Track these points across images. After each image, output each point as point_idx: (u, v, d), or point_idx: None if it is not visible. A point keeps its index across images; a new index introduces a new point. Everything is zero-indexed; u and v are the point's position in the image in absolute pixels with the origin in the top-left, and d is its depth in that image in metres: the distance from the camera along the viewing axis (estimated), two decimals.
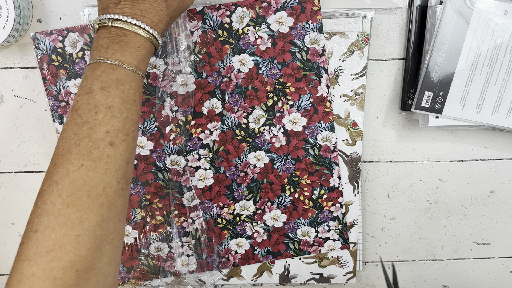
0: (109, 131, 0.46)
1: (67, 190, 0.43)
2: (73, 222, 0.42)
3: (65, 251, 0.41)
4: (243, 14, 0.65)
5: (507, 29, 0.62)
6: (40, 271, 0.41)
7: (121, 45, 0.48)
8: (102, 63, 0.48)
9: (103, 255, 0.45)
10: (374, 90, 0.70)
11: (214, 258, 0.74)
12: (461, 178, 0.73)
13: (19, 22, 0.63)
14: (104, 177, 0.45)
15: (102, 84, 0.47)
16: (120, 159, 0.46)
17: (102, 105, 0.46)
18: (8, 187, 0.74)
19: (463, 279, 0.79)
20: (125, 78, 0.48)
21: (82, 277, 0.43)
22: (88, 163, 0.44)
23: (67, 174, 0.43)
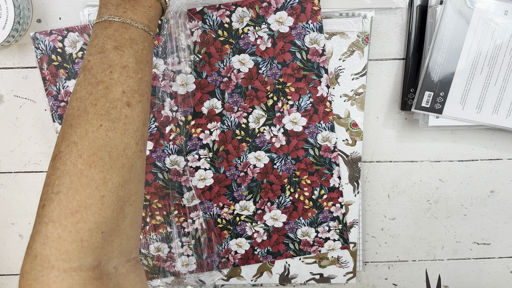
0: (125, 91, 0.45)
1: (88, 151, 0.42)
2: (97, 183, 0.41)
3: (90, 213, 0.41)
4: (243, 14, 0.65)
5: (507, 29, 0.62)
6: (66, 233, 0.40)
7: (132, 4, 0.47)
8: (113, 22, 0.46)
9: (126, 217, 0.44)
10: (374, 90, 0.70)
11: (214, 258, 0.74)
12: (461, 178, 0.73)
13: (19, 22, 0.63)
14: (123, 138, 0.44)
15: (116, 44, 0.45)
16: (138, 120, 0.45)
17: (117, 64, 0.45)
18: (8, 187, 0.73)
19: (463, 279, 0.78)
20: (138, 38, 0.47)
21: (107, 239, 0.42)
22: (107, 123, 0.43)
23: (86, 134, 0.42)
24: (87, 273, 0.41)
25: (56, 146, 0.43)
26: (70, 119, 0.43)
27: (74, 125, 0.43)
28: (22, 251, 0.76)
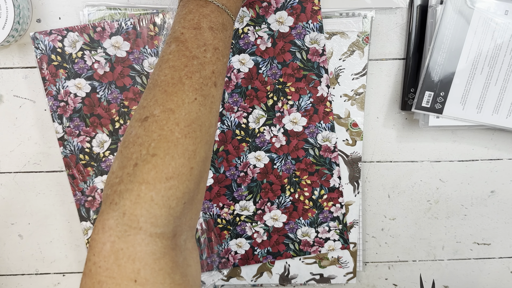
0: (215, 72, 0.46)
1: (184, 121, 0.42)
2: (190, 154, 0.42)
3: (181, 181, 0.41)
4: (243, 14, 0.65)
5: (507, 29, 0.62)
6: (159, 197, 0.40)
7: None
8: (210, 3, 0.48)
9: (199, 192, 0.45)
10: (374, 90, 0.70)
11: (214, 259, 0.74)
12: (462, 178, 0.73)
13: (19, 22, 0.63)
14: (209, 115, 0.45)
15: (211, 24, 0.47)
16: (218, 101, 0.47)
17: (210, 44, 0.46)
18: (8, 187, 0.73)
19: (463, 280, 0.78)
20: (228, 24, 0.49)
21: (185, 211, 0.43)
22: (200, 98, 0.44)
23: (182, 104, 0.43)
24: (168, 241, 0.41)
25: (144, 108, 0.44)
26: (164, 85, 0.44)
27: (169, 93, 0.43)
28: (22, 251, 0.76)
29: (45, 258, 0.77)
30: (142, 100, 0.45)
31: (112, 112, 0.68)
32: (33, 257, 0.77)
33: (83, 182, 0.70)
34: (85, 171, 0.69)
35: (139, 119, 0.43)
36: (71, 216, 0.75)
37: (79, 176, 0.69)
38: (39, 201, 0.74)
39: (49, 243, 0.76)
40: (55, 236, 0.76)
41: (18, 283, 0.78)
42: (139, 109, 0.44)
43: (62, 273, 0.78)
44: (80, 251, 0.77)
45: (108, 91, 0.67)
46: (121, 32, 0.65)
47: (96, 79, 0.66)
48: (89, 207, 0.71)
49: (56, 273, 0.78)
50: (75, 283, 0.79)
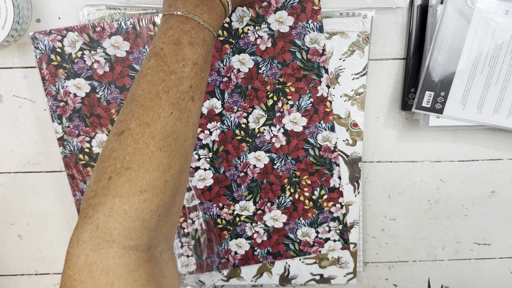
0: (192, 86, 0.47)
1: (159, 134, 0.43)
2: (164, 167, 0.43)
3: (155, 194, 0.42)
4: (243, 14, 0.65)
5: (508, 29, 0.62)
6: (132, 209, 0.41)
7: (209, 8, 0.50)
8: (191, 20, 0.49)
9: (175, 205, 0.46)
10: (374, 90, 0.70)
11: (214, 259, 0.74)
12: (462, 178, 0.73)
13: (18, 21, 0.62)
14: (185, 129, 0.46)
15: (191, 40, 0.48)
16: (196, 115, 0.48)
17: (189, 59, 0.47)
18: (7, 187, 0.73)
19: (464, 280, 0.78)
20: (208, 40, 0.50)
21: (160, 223, 0.44)
22: (177, 112, 0.45)
23: (158, 118, 0.44)
24: (142, 253, 0.42)
25: (120, 122, 0.45)
26: (141, 99, 0.45)
27: (146, 107, 0.44)
28: (22, 251, 0.76)
29: (45, 258, 0.77)
30: (119, 114, 0.46)
31: (112, 112, 0.67)
32: (32, 257, 0.77)
33: (83, 182, 0.70)
34: (85, 171, 0.69)
35: (115, 133, 0.44)
36: (70, 216, 0.75)
37: (78, 176, 0.69)
38: (39, 201, 0.74)
39: (48, 243, 0.76)
40: (55, 236, 0.76)
41: (17, 283, 0.78)
42: (116, 123, 0.45)
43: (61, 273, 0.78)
44: None
45: (108, 91, 0.67)
46: (121, 32, 0.65)
47: (96, 79, 0.66)
48: None
49: (55, 273, 0.78)
50: None
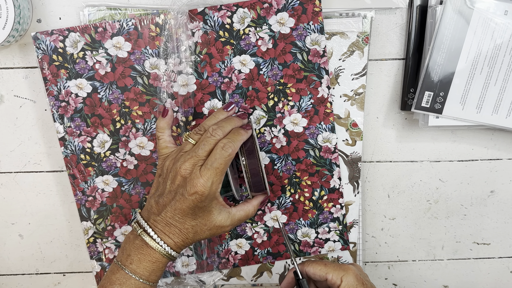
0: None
1: None
2: None
3: None
4: (244, 15, 0.65)
5: (507, 29, 0.62)
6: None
7: (140, 257, 0.56)
8: (120, 270, 0.57)
9: None
10: (374, 90, 0.70)
11: (214, 259, 0.74)
12: (461, 178, 0.73)
13: (19, 22, 0.63)
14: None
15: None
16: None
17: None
18: (8, 187, 0.73)
19: (463, 279, 0.79)
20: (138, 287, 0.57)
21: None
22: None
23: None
24: None
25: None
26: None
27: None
28: (22, 250, 0.76)
29: (45, 258, 0.77)
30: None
31: (113, 112, 0.68)
32: (33, 257, 0.77)
33: (84, 182, 0.70)
34: (86, 171, 0.69)
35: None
36: (71, 216, 0.75)
37: (79, 176, 0.69)
38: (40, 201, 0.74)
39: (49, 243, 0.76)
40: (56, 236, 0.76)
41: (18, 282, 0.78)
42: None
43: (62, 272, 0.78)
44: (80, 251, 0.77)
45: (109, 91, 0.67)
46: (123, 32, 0.65)
47: (97, 79, 0.66)
48: (89, 207, 0.71)
49: (56, 273, 0.78)
50: (75, 283, 0.79)
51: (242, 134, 0.59)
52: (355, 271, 0.59)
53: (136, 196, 0.71)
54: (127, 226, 0.72)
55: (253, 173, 0.61)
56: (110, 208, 0.71)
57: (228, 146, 0.56)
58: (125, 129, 0.68)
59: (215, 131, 0.58)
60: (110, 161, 0.69)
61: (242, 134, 0.59)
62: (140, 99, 0.67)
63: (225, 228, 0.60)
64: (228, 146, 0.56)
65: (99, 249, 0.72)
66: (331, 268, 0.59)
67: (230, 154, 0.56)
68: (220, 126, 0.59)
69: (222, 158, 0.56)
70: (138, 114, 0.68)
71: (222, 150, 0.56)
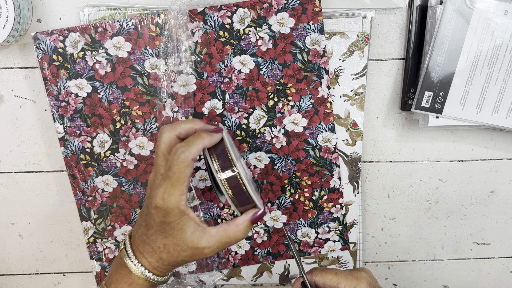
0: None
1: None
2: None
3: None
4: (244, 15, 0.65)
5: (507, 29, 0.62)
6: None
7: (118, 277, 0.53)
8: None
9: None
10: (374, 90, 0.70)
11: (214, 259, 0.74)
12: (461, 178, 0.73)
13: (19, 22, 0.63)
14: None
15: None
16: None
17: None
18: (8, 187, 0.73)
19: (463, 279, 0.79)
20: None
21: None
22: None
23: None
24: None
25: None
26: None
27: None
28: (22, 250, 0.76)
29: (45, 258, 0.77)
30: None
31: (113, 112, 0.68)
32: (33, 257, 0.77)
33: (84, 182, 0.70)
34: (86, 171, 0.69)
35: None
36: (71, 216, 0.75)
37: (80, 176, 0.69)
38: (40, 201, 0.74)
39: (49, 243, 0.76)
40: (56, 236, 0.76)
41: (18, 282, 0.78)
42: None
43: (62, 272, 0.78)
44: (80, 251, 0.77)
45: (109, 91, 0.67)
46: (123, 32, 0.65)
47: (97, 79, 0.67)
48: (89, 207, 0.71)
49: (56, 273, 0.78)
50: (75, 283, 0.79)
51: (202, 137, 0.50)
52: (368, 279, 0.55)
53: (136, 196, 0.71)
54: (127, 226, 0.72)
55: (231, 185, 0.51)
56: (110, 208, 0.71)
57: (181, 151, 0.48)
58: (125, 129, 0.68)
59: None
60: (110, 161, 0.69)
61: (202, 137, 0.50)
62: (140, 99, 0.67)
63: (203, 251, 0.51)
64: (181, 150, 0.48)
65: (99, 249, 0.73)
66: (343, 278, 0.55)
67: (183, 159, 0.48)
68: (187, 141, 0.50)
69: (175, 165, 0.48)
70: (138, 114, 0.68)
71: (174, 156, 0.48)
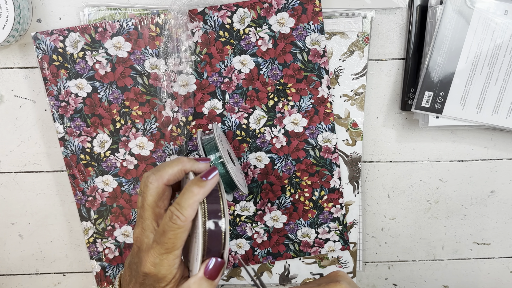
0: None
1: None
2: None
3: None
4: (244, 15, 0.65)
5: (507, 29, 0.62)
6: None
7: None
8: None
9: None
10: (374, 90, 0.70)
11: None
12: (461, 178, 0.73)
13: (19, 22, 0.63)
14: None
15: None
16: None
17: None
18: (8, 187, 0.73)
19: (463, 279, 0.79)
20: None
21: None
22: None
23: None
24: None
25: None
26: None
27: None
28: (22, 251, 0.76)
29: (45, 258, 0.77)
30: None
31: (113, 112, 0.68)
32: (33, 257, 0.77)
33: (84, 182, 0.70)
34: (86, 171, 0.69)
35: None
36: (71, 216, 0.75)
37: (79, 176, 0.69)
38: (40, 201, 0.74)
39: (49, 243, 0.76)
40: (55, 236, 0.76)
41: (18, 282, 0.78)
42: None
43: (62, 273, 0.78)
44: (80, 251, 0.77)
45: (109, 91, 0.67)
46: (123, 32, 0.65)
47: (97, 79, 0.66)
48: (89, 207, 0.71)
49: (56, 273, 0.78)
50: (75, 283, 0.79)
51: (194, 193, 0.43)
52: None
53: (136, 196, 0.71)
54: (127, 226, 0.72)
55: (211, 236, 0.44)
56: (110, 208, 0.71)
57: (176, 216, 0.42)
58: (125, 129, 0.68)
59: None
60: (110, 161, 0.69)
61: (194, 193, 0.43)
62: (140, 99, 0.67)
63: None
64: (176, 215, 0.42)
65: (99, 249, 0.72)
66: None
67: (180, 225, 0.42)
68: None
69: (170, 232, 0.43)
70: (138, 114, 0.68)
71: (169, 222, 0.42)
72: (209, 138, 0.62)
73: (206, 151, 0.60)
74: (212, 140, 0.61)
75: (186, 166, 0.47)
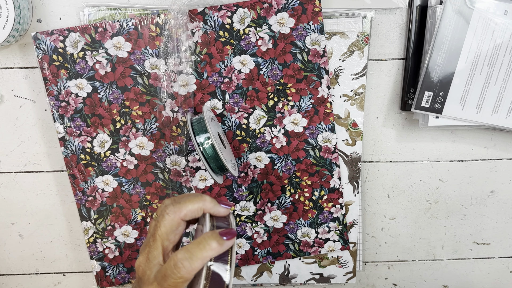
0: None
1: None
2: None
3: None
4: (244, 15, 0.65)
5: (507, 29, 0.62)
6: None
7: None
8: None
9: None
10: (374, 90, 0.70)
11: None
12: (461, 178, 0.73)
13: (19, 22, 0.63)
14: None
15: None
16: None
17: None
18: (8, 187, 0.73)
19: (463, 279, 0.79)
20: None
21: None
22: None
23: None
24: None
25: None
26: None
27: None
28: (22, 250, 0.76)
29: (46, 257, 0.77)
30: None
31: (113, 112, 0.68)
32: (33, 257, 0.77)
33: (84, 182, 0.70)
34: (86, 171, 0.69)
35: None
36: (71, 215, 0.75)
37: (80, 176, 0.69)
38: (40, 201, 0.74)
39: (49, 242, 0.76)
40: (56, 235, 0.76)
41: (18, 282, 0.78)
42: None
43: (62, 272, 0.78)
44: (80, 251, 0.77)
45: (109, 91, 0.67)
46: (123, 32, 0.65)
47: (97, 79, 0.67)
48: (89, 207, 0.71)
49: (56, 273, 0.78)
50: (75, 283, 0.79)
51: (208, 249, 0.42)
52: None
53: (136, 196, 0.71)
54: (127, 226, 0.72)
55: (213, 280, 0.43)
56: (110, 208, 0.71)
57: (182, 265, 0.41)
58: (125, 129, 0.68)
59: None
60: (110, 161, 0.69)
61: (208, 249, 0.42)
62: (140, 99, 0.67)
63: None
64: (182, 264, 0.41)
65: (99, 249, 0.73)
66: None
67: (183, 276, 0.41)
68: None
69: (171, 279, 0.41)
70: (138, 114, 0.68)
71: (174, 269, 0.41)
72: (198, 119, 0.62)
73: (195, 132, 0.61)
74: (201, 121, 0.61)
75: (207, 206, 0.46)
